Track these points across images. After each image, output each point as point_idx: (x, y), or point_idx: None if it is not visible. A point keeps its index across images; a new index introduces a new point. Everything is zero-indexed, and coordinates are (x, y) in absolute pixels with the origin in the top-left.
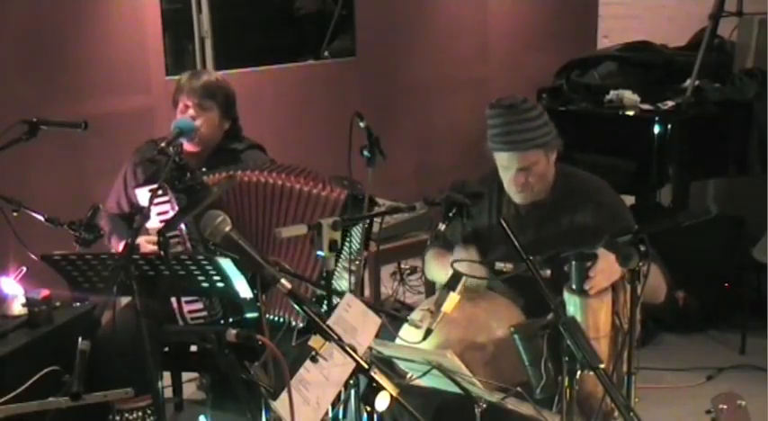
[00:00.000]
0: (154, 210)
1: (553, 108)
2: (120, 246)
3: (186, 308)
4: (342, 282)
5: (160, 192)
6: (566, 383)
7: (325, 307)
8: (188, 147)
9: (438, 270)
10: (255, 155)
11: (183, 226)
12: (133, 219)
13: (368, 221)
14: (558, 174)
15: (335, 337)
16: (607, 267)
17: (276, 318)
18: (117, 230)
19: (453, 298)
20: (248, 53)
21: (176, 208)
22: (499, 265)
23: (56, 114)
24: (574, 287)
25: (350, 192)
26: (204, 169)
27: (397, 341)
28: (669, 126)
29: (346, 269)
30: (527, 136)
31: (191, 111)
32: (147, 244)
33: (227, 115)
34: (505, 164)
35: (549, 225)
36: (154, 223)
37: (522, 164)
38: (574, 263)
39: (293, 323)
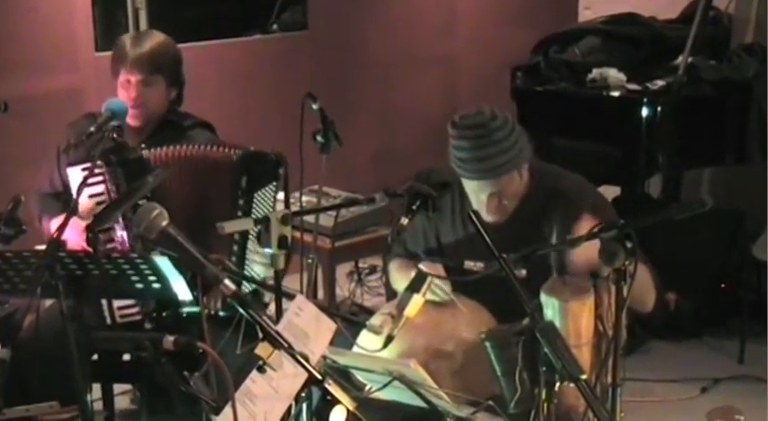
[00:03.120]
0: (86, 191)
1: (529, 88)
2: (53, 226)
3: (116, 303)
4: (254, 266)
5: (96, 170)
6: (543, 396)
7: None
8: (129, 120)
9: (404, 282)
10: (203, 134)
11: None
12: (67, 202)
13: (273, 184)
14: (530, 173)
15: (285, 345)
16: (592, 246)
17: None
18: (47, 210)
19: (417, 300)
20: (188, 26)
21: (112, 187)
22: (468, 264)
23: None
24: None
25: (248, 151)
26: (144, 146)
27: (355, 349)
28: (659, 108)
29: (256, 252)
30: (499, 160)
31: (132, 93)
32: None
33: (174, 84)
34: (475, 189)
35: (524, 230)
36: (86, 205)
37: (494, 189)
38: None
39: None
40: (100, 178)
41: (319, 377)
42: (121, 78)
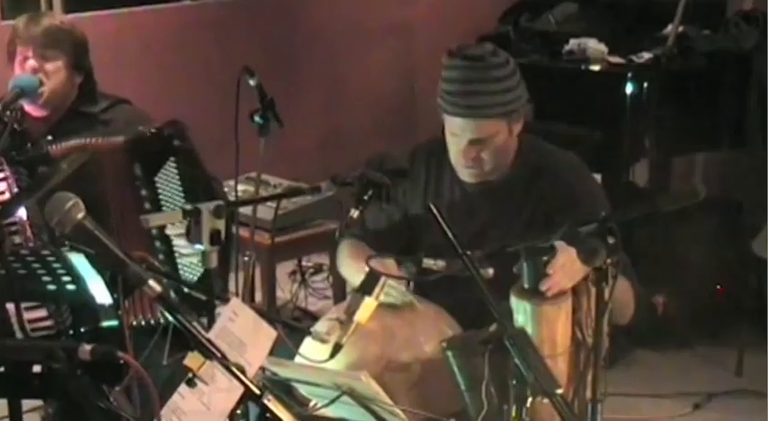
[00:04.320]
0: None
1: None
2: None
3: (26, 315)
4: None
5: None
6: (513, 413)
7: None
8: (32, 110)
9: (355, 269)
10: (123, 111)
11: (22, 212)
12: None
13: (172, 160)
14: (520, 148)
15: (218, 355)
16: (569, 263)
17: (141, 323)
18: None
19: (369, 304)
20: None
21: (14, 187)
22: (428, 262)
23: None
24: (526, 286)
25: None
26: (50, 137)
27: (298, 359)
28: (645, 84)
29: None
30: (490, 100)
31: (31, 63)
32: None
33: (77, 67)
34: (456, 131)
35: (504, 212)
36: None
37: (477, 134)
38: (525, 261)
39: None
40: (1, 175)
41: (257, 391)
42: (18, 56)
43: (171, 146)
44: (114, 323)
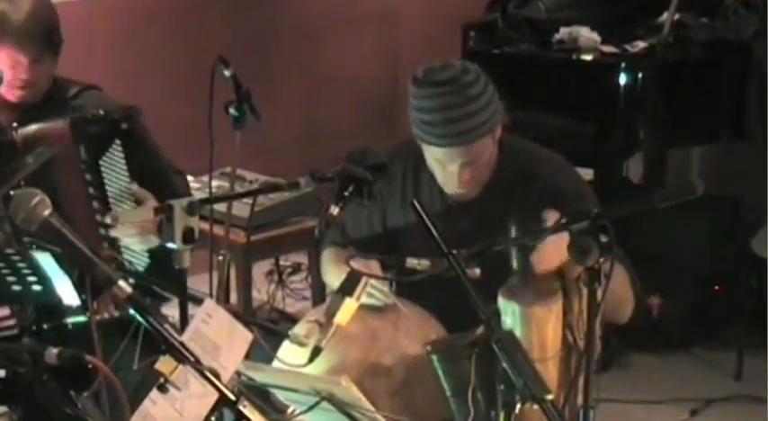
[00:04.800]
0: None
1: (484, 51)
2: None
3: None
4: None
5: None
6: (500, 420)
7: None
8: (7, 94)
9: (339, 275)
10: (93, 97)
11: None
12: None
13: (117, 143)
14: (502, 150)
15: (191, 359)
16: (561, 242)
17: (104, 316)
18: None
19: (350, 305)
20: None
21: None
22: (412, 262)
23: None
24: (515, 266)
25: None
26: (15, 124)
27: (275, 363)
28: (639, 75)
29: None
30: (475, 122)
31: (24, 70)
32: None
33: (58, 53)
34: (443, 159)
35: (487, 220)
36: None
37: (467, 158)
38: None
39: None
40: None
41: (232, 397)
42: (5, 57)
43: (117, 128)
44: (80, 319)
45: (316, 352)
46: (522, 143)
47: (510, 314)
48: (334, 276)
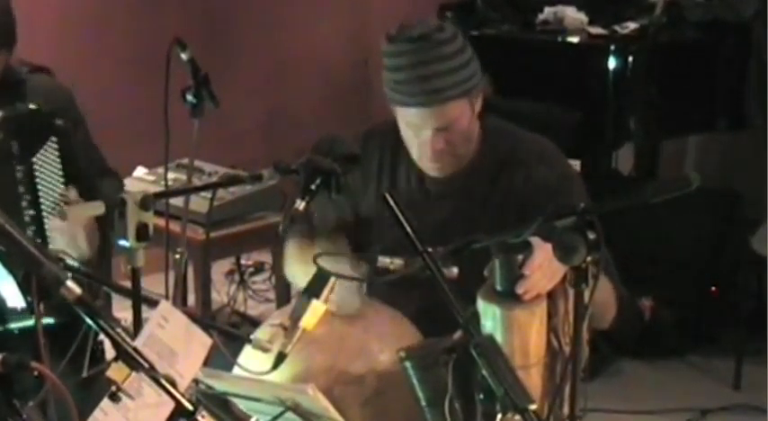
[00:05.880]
0: None
1: (462, 33)
2: None
3: None
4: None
5: None
6: None
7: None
8: None
9: (303, 272)
10: (42, 80)
11: None
12: None
13: (52, 140)
14: (484, 132)
15: (145, 365)
16: (547, 263)
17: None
18: None
19: (317, 308)
20: None
21: None
22: (383, 260)
23: None
24: (498, 289)
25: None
26: None
27: (236, 370)
28: (630, 59)
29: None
30: (449, 80)
31: None
32: None
33: (12, 50)
34: (416, 122)
35: (469, 207)
36: None
37: (441, 122)
38: (497, 260)
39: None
40: None
41: (190, 407)
42: None
43: (52, 124)
44: (27, 324)
45: (280, 358)
46: (506, 126)
47: (490, 317)
48: (299, 274)
